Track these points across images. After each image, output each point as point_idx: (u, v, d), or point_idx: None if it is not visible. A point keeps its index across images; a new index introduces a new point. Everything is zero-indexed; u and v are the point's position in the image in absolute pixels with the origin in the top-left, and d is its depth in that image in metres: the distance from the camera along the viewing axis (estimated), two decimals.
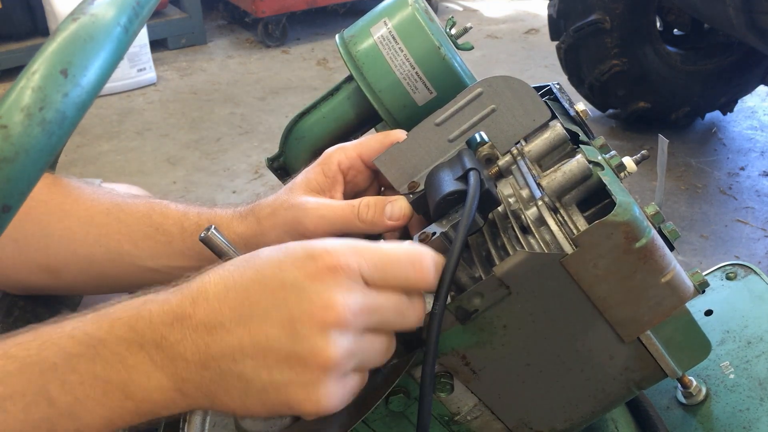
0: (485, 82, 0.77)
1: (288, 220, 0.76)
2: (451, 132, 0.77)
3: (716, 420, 0.81)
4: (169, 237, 0.81)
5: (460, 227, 0.60)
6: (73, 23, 0.40)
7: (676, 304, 0.61)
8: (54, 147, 0.38)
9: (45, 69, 0.38)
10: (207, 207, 0.84)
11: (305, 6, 4.86)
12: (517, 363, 0.64)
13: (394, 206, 0.75)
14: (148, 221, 0.81)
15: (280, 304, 0.52)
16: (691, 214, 2.81)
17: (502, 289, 0.59)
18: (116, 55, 0.41)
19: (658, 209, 0.65)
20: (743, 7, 2.40)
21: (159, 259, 0.81)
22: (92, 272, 0.82)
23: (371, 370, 0.59)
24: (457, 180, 0.67)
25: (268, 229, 0.78)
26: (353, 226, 0.75)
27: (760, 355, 0.85)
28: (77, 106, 0.39)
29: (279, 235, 0.77)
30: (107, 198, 0.84)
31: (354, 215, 0.74)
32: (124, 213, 0.82)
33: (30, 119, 0.37)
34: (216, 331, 0.52)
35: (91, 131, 3.85)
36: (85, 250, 0.81)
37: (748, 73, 3.35)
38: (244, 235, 0.79)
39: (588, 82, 3.31)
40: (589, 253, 0.58)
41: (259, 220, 0.79)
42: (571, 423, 0.68)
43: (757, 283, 0.94)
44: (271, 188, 3.17)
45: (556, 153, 0.73)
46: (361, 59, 0.82)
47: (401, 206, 0.75)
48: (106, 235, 0.81)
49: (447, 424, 0.68)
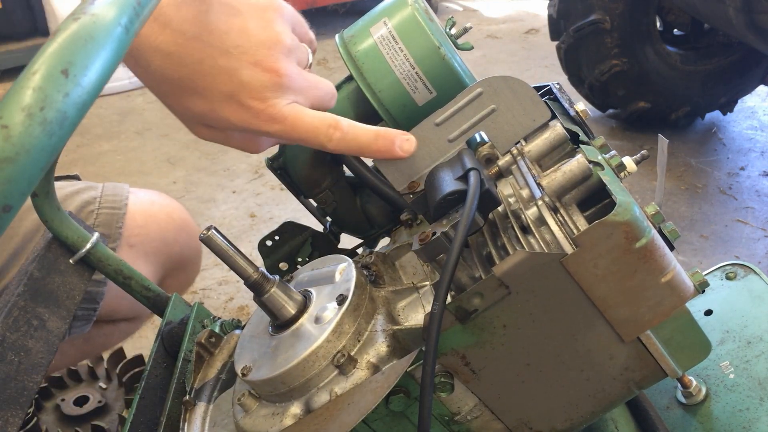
0: (485, 82, 0.77)
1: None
2: (451, 132, 0.77)
3: (716, 420, 0.81)
4: None
5: (460, 227, 0.60)
6: (74, 23, 0.40)
7: (676, 304, 0.61)
8: (55, 147, 0.38)
9: (46, 69, 0.38)
10: None
11: (305, 6, 4.86)
12: (517, 363, 0.64)
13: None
14: None
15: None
16: (691, 214, 2.81)
17: (501, 288, 0.59)
18: (117, 55, 0.41)
19: (658, 209, 0.65)
20: (743, 7, 2.40)
21: None
22: None
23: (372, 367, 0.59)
24: (457, 180, 0.67)
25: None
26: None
27: (760, 354, 0.85)
28: (78, 106, 0.39)
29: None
30: None
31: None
32: None
33: (31, 119, 0.37)
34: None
35: (91, 131, 3.85)
36: None
37: (748, 73, 3.35)
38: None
39: (588, 82, 3.31)
40: (589, 252, 0.58)
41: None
42: (571, 423, 0.68)
43: (757, 283, 0.94)
44: (271, 188, 3.18)
45: (556, 153, 0.73)
46: (360, 59, 0.82)
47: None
48: None
49: (447, 423, 0.68)
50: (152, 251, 1.24)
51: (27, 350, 0.80)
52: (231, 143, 0.76)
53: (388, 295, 0.72)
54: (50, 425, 1.45)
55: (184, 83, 0.69)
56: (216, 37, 0.67)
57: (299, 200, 0.95)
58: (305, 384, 0.65)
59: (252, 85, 0.68)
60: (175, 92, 0.70)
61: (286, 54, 0.70)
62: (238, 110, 0.69)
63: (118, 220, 1.19)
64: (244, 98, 0.68)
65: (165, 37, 0.66)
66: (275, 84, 0.69)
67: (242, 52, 0.68)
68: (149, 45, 0.67)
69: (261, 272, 0.69)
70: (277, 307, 0.69)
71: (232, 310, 2.43)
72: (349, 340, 0.66)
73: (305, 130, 0.71)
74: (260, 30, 0.69)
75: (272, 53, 0.69)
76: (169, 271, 1.31)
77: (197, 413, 0.79)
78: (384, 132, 0.75)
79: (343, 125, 0.73)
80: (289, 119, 0.70)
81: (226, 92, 0.68)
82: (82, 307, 1.15)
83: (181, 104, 0.71)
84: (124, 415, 1.31)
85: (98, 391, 1.53)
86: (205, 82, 0.68)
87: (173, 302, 0.95)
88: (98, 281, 1.15)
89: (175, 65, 0.68)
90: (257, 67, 0.68)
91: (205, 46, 0.67)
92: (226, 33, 0.67)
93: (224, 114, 0.70)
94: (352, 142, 0.73)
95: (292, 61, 0.71)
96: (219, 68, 0.68)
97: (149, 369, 0.85)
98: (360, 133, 0.74)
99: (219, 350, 0.84)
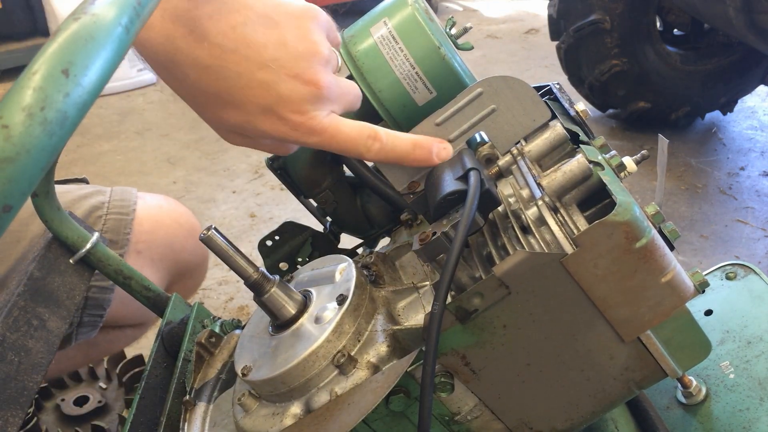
0: (485, 82, 0.77)
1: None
2: (451, 132, 0.77)
3: (716, 420, 0.81)
4: None
5: (460, 227, 0.60)
6: (74, 23, 0.40)
7: (676, 304, 0.61)
8: (55, 147, 0.38)
9: (46, 69, 0.38)
10: None
11: None
12: (517, 363, 0.64)
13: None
14: None
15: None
16: (691, 214, 2.81)
17: (502, 288, 0.59)
18: (117, 55, 0.41)
19: (658, 209, 0.65)
20: (743, 7, 2.40)
21: None
22: None
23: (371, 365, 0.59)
24: (458, 180, 0.67)
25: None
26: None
27: (760, 354, 0.85)
28: (78, 106, 0.39)
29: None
30: None
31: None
32: None
33: (31, 119, 0.37)
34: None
35: (91, 131, 3.85)
36: None
37: (748, 73, 3.35)
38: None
39: (588, 82, 3.31)
40: (589, 252, 0.58)
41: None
42: (571, 423, 0.68)
43: (757, 283, 0.94)
44: (271, 188, 3.18)
45: (556, 153, 0.73)
46: (360, 59, 0.82)
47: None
48: None
49: (447, 423, 0.68)
50: (159, 257, 1.24)
51: (27, 350, 0.80)
52: (262, 148, 0.75)
53: (388, 295, 0.72)
54: (50, 425, 1.45)
55: (221, 96, 0.68)
56: (254, 50, 0.66)
57: (299, 200, 0.95)
58: (305, 384, 0.65)
59: (291, 98, 0.67)
60: (212, 104, 0.70)
61: (324, 65, 0.69)
62: (276, 123, 0.68)
63: (126, 226, 1.19)
64: (283, 111, 0.68)
65: (202, 50, 0.65)
66: (314, 96, 0.68)
67: (281, 65, 0.67)
68: (186, 57, 0.66)
69: (261, 272, 0.69)
70: (277, 307, 0.69)
71: (232, 310, 2.43)
72: (349, 340, 0.66)
73: (344, 141, 0.71)
74: (298, 41, 0.68)
75: (311, 65, 0.68)
76: (176, 277, 1.31)
77: (197, 413, 0.79)
78: (421, 141, 0.75)
79: (381, 136, 0.72)
80: (328, 131, 0.70)
81: (264, 105, 0.68)
82: (89, 314, 1.15)
83: (216, 115, 0.70)
84: (124, 415, 1.31)
85: (98, 391, 1.53)
86: (243, 95, 0.67)
87: (173, 302, 0.95)
88: (105, 288, 1.15)
89: (212, 79, 0.67)
90: (296, 80, 0.67)
91: (242, 59, 0.66)
92: (264, 46, 0.66)
93: (262, 126, 0.69)
94: (390, 152, 0.73)
95: (329, 71, 0.70)
96: (257, 81, 0.67)
97: (149, 369, 0.85)
98: (398, 143, 0.74)
99: (219, 350, 0.84)
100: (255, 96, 0.67)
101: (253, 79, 0.67)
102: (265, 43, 0.66)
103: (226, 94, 0.67)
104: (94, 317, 1.17)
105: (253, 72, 0.66)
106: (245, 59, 0.66)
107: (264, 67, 0.66)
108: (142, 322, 1.34)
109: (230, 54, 0.66)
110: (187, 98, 0.71)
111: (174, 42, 0.65)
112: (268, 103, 0.67)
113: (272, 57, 0.66)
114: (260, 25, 0.67)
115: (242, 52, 0.66)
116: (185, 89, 0.70)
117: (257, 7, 0.67)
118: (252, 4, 0.67)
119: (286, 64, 0.67)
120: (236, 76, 0.66)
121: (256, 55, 0.66)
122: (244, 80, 0.66)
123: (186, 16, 0.65)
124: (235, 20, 0.66)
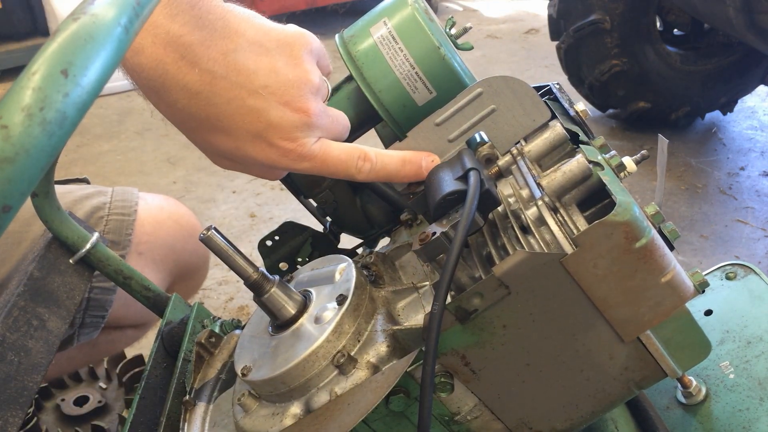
0: (485, 82, 0.77)
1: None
2: (451, 132, 0.77)
3: (716, 420, 0.81)
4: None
5: (460, 227, 0.60)
6: (74, 23, 0.40)
7: (676, 304, 0.61)
8: (54, 147, 0.38)
9: (45, 69, 0.38)
10: None
11: (305, 6, 4.86)
12: (517, 363, 0.64)
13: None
14: None
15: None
16: (691, 214, 2.81)
17: (501, 289, 0.59)
18: (117, 56, 0.41)
19: (658, 209, 0.65)
20: (743, 7, 2.40)
21: None
22: None
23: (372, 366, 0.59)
24: (457, 180, 0.67)
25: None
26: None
27: (760, 355, 0.85)
28: (78, 107, 0.39)
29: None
30: None
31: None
32: None
33: (30, 119, 0.37)
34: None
35: (91, 131, 3.85)
36: None
37: (748, 73, 3.35)
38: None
39: (588, 82, 3.31)
40: (589, 253, 0.58)
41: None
42: (571, 423, 0.68)
43: (757, 283, 0.94)
44: (271, 188, 3.18)
45: (556, 153, 0.73)
46: (360, 59, 0.82)
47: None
48: None
49: (447, 423, 0.68)
50: (160, 259, 1.24)
51: (27, 350, 0.80)
52: (251, 173, 0.76)
53: (388, 295, 0.72)
54: (50, 425, 1.45)
55: (210, 121, 0.68)
56: (244, 77, 0.66)
57: (299, 200, 0.95)
58: (305, 384, 0.65)
59: (281, 126, 0.68)
60: (201, 129, 0.70)
61: (314, 93, 0.70)
62: (266, 149, 0.69)
63: (128, 227, 1.19)
64: (272, 138, 0.68)
65: (193, 76, 0.66)
66: (304, 124, 0.68)
67: (271, 92, 0.67)
68: (176, 83, 0.66)
69: (261, 272, 0.69)
70: (277, 307, 0.69)
71: (232, 310, 2.43)
72: (349, 340, 0.66)
73: (335, 165, 0.72)
74: (289, 69, 0.68)
75: (301, 93, 0.68)
76: (177, 277, 1.31)
77: (197, 413, 0.79)
78: (410, 156, 0.76)
79: (371, 156, 0.73)
80: (318, 156, 0.70)
81: (253, 132, 0.68)
82: (91, 315, 1.15)
83: (206, 140, 0.71)
84: (124, 415, 1.31)
85: (98, 391, 1.53)
86: (233, 121, 0.68)
87: (173, 302, 0.95)
88: (107, 289, 1.15)
89: (202, 104, 0.67)
90: (287, 108, 0.67)
91: (233, 86, 0.66)
92: (255, 73, 0.67)
93: (251, 153, 0.69)
94: (381, 171, 0.74)
95: (318, 100, 0.71)
96: (247, 108, 0.67)
97: (149, 369, 0.85)
98: (388, 161, 0.75)
99: (219, 350, 0.84)
100: (245, 122, 0.67)
101: (244, 106, 0.67)
102: (256, 70, 0.67)
103: (216, 119, 0.68)
104: (96, 318, 1.17)
105: (244, 99, 0.67)
106: (236, 86, 0.66)
107: (254, 94, 0.66)
108: (143, 322, 1.34)
109: (221, 80, 0.66)
110: (178, 123, 0.72)
111: (165, 67, 0.66)
112: (257, 130, 0.68)
113: (263, 84, 0.67)
114: (251, 52, 0.67)
115: (233, 79, 0.66)
116: (175, 114, 0.70)
117: (249, 34, 0.67)
118: (243, 31, 0.67)
119: (276, 92, 0.67)
120: (226, 103, 0.67)
121: (246, 82, 0.66)
122: (234, 107, 0.67)
123: (177, 42, 0.65)
124: (227, 47, 0.66)
